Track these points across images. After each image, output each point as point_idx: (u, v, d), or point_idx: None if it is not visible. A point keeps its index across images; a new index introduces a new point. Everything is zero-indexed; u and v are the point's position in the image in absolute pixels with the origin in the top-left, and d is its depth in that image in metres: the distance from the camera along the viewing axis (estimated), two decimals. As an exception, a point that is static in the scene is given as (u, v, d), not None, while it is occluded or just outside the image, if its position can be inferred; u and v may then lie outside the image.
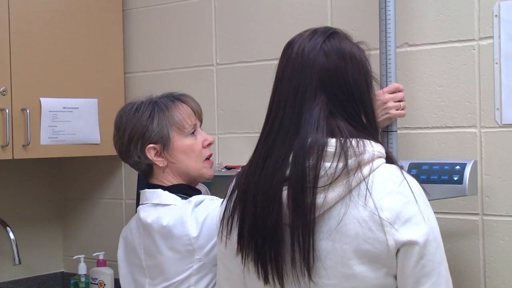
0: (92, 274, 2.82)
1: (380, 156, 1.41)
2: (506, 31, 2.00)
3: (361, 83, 1.45)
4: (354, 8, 2.26)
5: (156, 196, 1.96)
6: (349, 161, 1.36)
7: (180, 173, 1.99)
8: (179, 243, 1.86)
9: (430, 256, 1.35)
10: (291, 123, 1.41)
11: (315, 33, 1.48)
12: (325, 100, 1.42)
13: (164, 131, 1.95)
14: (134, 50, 2.82)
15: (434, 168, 1.96)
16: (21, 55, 2.48)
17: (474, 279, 2.05)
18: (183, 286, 1.89)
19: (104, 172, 2.93)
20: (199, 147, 2.00)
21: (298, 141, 1.39)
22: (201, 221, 1.85)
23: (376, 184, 1.37)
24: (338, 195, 1.36)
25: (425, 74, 2.14)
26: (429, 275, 1.35)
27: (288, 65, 1.46)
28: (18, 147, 2.46)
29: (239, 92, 2.53)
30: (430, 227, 1.37)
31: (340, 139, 1.38)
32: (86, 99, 2.66)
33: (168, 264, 1.89)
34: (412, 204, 1.37)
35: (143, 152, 1.96)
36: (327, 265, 1.37)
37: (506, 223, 2.01)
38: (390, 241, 1.34)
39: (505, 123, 2.01)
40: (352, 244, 1.35)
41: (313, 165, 1.36)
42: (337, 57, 1.44)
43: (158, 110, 1.97)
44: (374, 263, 1.36)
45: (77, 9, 2.65)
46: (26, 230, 2.89)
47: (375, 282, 1.36)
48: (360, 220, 1.35)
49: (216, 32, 2.60)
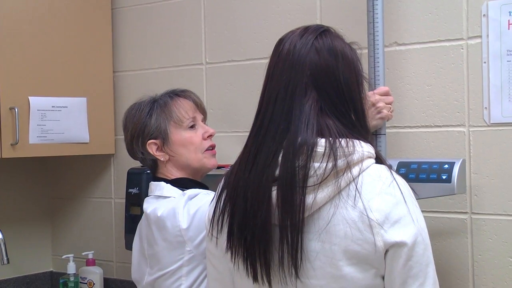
0: (81, 274, 2.82)
1: (370, 156, 1.41)
2: (494, 31, 2.00)
3: (352, 82, 1.45)
4: (343, 7, 2.26)
5: (159, 189, 2.03)
6: (338, 161, 1.36)
7: (182, 166, 2.05)
8: (171, 234, 1.92)
9: (418, 258, 1.35)
10: (281, 119, 1.41)
11: (306, 30, 1.48)
12: (316, 96, 1.42)
13: (162, 126, 2.03)
14: (123, 49, 2.82)
15: (423, 167, 1.96)
16: (10, 54, 2.47)
17: (463, 277, 2.06)
18: (175, 276, 1.94)
19: (93, 171, 2.92)
20: (198, 139, 2.06)
21: (288, 138, 1.39)
22: (192, 213, 1.90)
23: (365, 184, 1.37)
24: (327, 196, 1.36)
25: (414, 73, 2.14)
26: (416, 276, 1.35)
27: (279, 61, 1.46)
28: (7, 146, 2.45)
29: (228, 91, 2.53)
30: (419, 228, 1.37)
31: (330, 139, 1.38)
32: (75, 98, 2.65)
33: (162, 254, 1.95)
34: (401, 205, 1.37)
35: (144, 148, 2.04)
36: (316, 265, 1.37)
37: (494, 222, 2.02)
38: (379, 242, 1.34)
39: (493, 122, 2.02)
40: (341, 245, 1.35)
41: (302, 165, 1.36)
42: (329, 54, 1.44)
43: (157, 107, 2.05)
44: (363, 264, 1.35)
45: (66, 8, 2.65)
46: (15, 229, 2.88)
47: (363, 283, 1.36)
48: (349, 221, 1.35)
49: (205, 31, 2.60)
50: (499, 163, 2.01)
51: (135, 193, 2.53)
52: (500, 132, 2.01)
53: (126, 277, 2.79)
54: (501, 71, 2.00)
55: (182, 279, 1.93)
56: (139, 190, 2.51)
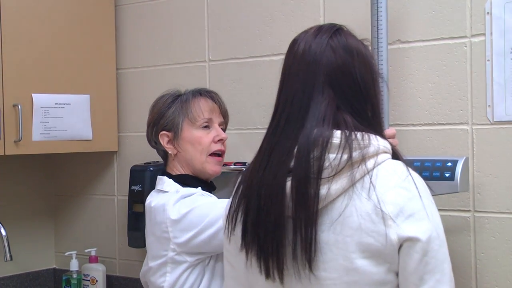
0: (84, 271, 2.82)
1: (386, 151, 1.42)
2: (498, 29, 2.00)
3: (368, 79, 1.46)
4: (347, 4, 2.26)
5: (161, 183, 2.08)
6: (353, 153, 1.36)
7: (186, 163, 2.09)
8: (158, 229, 1.97)
9: (434, 253, 1.34)
10: (297, 118, 1.41)
11: (320, 30, 1.49)
12: (332, 95, 1.42)
13: (176, 120, 2.08)
14: (126, 46, 2.82)
15: (426, 164, 1.96)
16: (13, 51, 2.47)
17: (466, 275, 2.06)
18: (160, 271, 1.99)
19: (96, 168, 2.92)
20: (208, 141, 2.08)
21: (303, 133, 1.39)
22: (183, 212, 1.93)
23: (380, 177, 1.37)
24: (341, 187, 1.36)
25: (417, 71, 2.14)
26: (432, 272, 1.34)
27: (295, 62, 1.46)
28: (10, 143, 2.45)
29: (231, 88, 2.53)
30: (434, 224, 1.36)
31: (346, 131, 1.39)
32: (78, 95, 2.65)
33: (151, 247, 2.03)
34: (416, 200, 1.36)
35: (157, 138, 2.11)
36: (328, 257, 1.36)
37: (497, 220, 2.02)
38: (393, 235, 1.33)
39: (496, 120, 2.01)
40: (354, 237, 1.35)
41: (317, 156, 1.36)
42: (344, 52, 1.45)
43: (178, 101, 2.11)
44: (376, 258, 1.35)
45: (70, 5, 2.65)
46: (18, 226, 2.89)
47: (376, 277, 1.35)
48: (363, 213, 1.35)
49: (208, 28, 2.60)
50: (502, 161, 2.01)
51: (138, 190, 2.53)
52: (504, 130, 2.01)
53: (129, 274, 2.80)
54: (504, 69, 2.00)
55: (166, 275, 1.97)
56: (142, 187, 2.51)
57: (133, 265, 2.76)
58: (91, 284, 2.79)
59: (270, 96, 2.43)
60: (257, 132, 2.44)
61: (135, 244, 2.56)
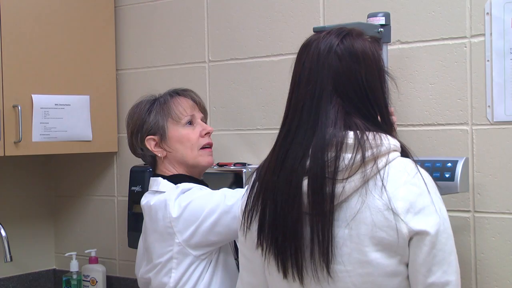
0: (84, 271, 2.82)
1: (396, 149, 1.48)
2: (498, 29, 2.00)
3: (375, 81, 1.51)
4: (346, 5, 2.26)
5: (156, 184, 2.07)
6: (366, 153, 1.43)
7: (179, 162, 2.08)
8: (161, 225, 1.96)
9: (441, 246, 1.42)
10: (308, 125, 1.47)
11: (329, 35, 1.52)
12: (340, 102, 1.48)
13: (160, 123, 2.07)
14: (126, 47, 2.82)
15: (426, 165, 1.96)
16: (13, 52, 2.47)
17: (465, 275, 2.06)
18: (165, 268, 1.98)
19: (96, 169, 2.92)
20: (195, 136, 2.09)
21: (317, 137, 1.45)
22: (183, 205, 1.94)
23: (391, 175, 1.44)
24: (355, 186, 1.43)
25: (417, 71, 2.14)
26: (440, 263, 1.42)
27: (304, 70, 1.51)
28: (10, 143, 2.45)
29: (231, 89, 2.53)
30: (442, 218, 1.44)
31: (357, 132, 1.45)
32: (78, 96, 2.65)
33: (153, 246, 2.01)
34: (425, 195, 1.44)
35: (143, 144, 2.09)
36: (343, 252, 1.44)
37: (497, 220, 2.02)
38: (404, 229, 1.41)
39: (496, 120, 2.02)
40: (367, 232, 1.42)
41: (332, 156, 1.43)
42: (350, 58, 1.49)
43: (157, 104, 2.10)
44: (388, 251, 1.42)
45: (69, 6, 2.65)
46: (18, 227, 2.89)
47: (388, 269, 1.43)
48: (376, 209, 1.42)
49: (208, 29, 2.60)
50: (502, 161, 2.01)
51: (138, 191, 2.53)
52: (503, 130, 2.01)
53: (129, 275, 2.80)
54: (504, 69, 2.00)
55: (172, 271, 1.97)
56: (142, 188, 2.51)
57: (133, 265, 2.74)
58: (91, 285, 2.79)
59: (270, 96, 2.45)
60: (257, 132, 2.44)
61: (135, 245, 2.55)
